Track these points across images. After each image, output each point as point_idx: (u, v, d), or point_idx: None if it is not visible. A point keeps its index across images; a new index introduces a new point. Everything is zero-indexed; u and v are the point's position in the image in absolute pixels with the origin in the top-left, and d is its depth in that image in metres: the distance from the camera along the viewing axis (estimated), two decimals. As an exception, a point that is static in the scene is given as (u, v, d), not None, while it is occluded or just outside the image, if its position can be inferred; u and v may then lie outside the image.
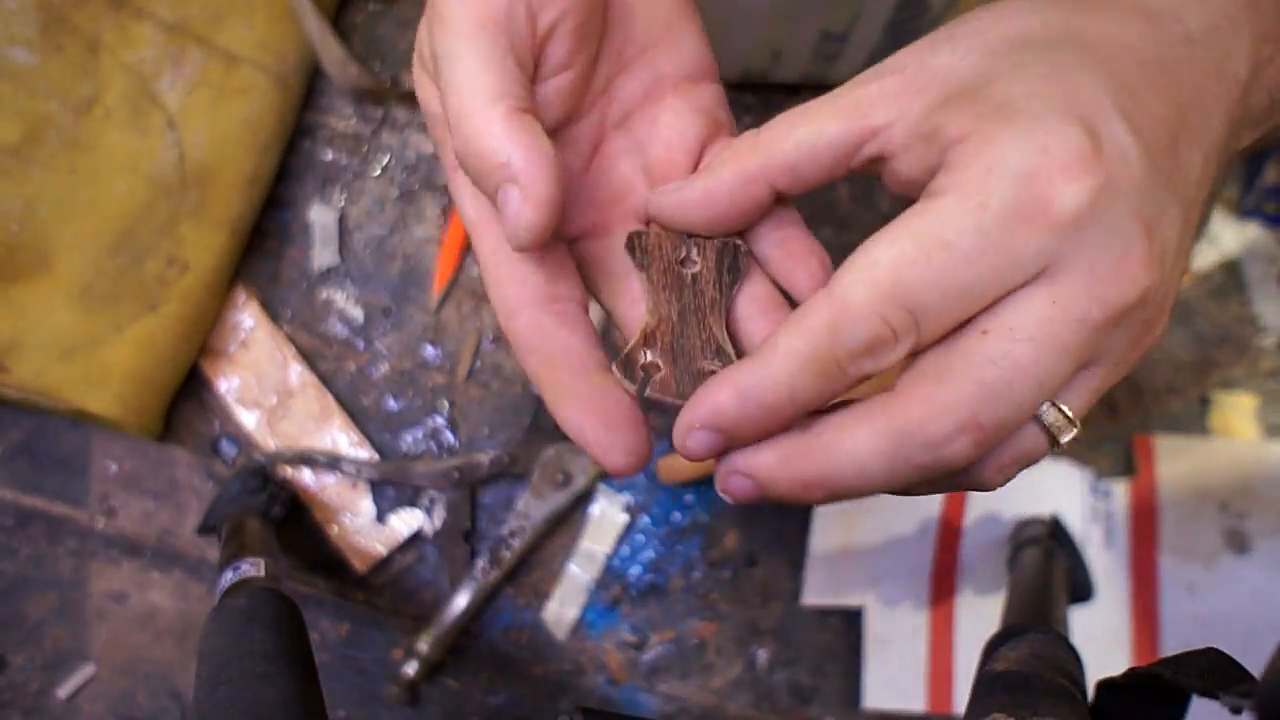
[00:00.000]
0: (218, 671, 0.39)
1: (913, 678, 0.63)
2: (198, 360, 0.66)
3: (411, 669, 0.62)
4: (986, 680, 0.34)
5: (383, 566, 0.66)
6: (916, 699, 0.63)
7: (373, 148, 0.68)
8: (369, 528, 0.66)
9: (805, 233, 0.29)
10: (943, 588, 0.64)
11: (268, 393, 0.66)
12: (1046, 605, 0.51)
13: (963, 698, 0.62)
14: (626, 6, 0.29)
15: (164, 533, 0.66)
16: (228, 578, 0.48)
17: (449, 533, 0.65)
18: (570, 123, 0.29)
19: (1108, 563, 0.63)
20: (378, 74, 0.68)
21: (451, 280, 0.67)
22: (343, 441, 0.66)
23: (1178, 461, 0.64)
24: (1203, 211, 0.26)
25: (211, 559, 0.66)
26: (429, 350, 0.67)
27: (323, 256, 0.67)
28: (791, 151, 0.26)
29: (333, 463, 0.65)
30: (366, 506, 0.66)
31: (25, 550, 0.66)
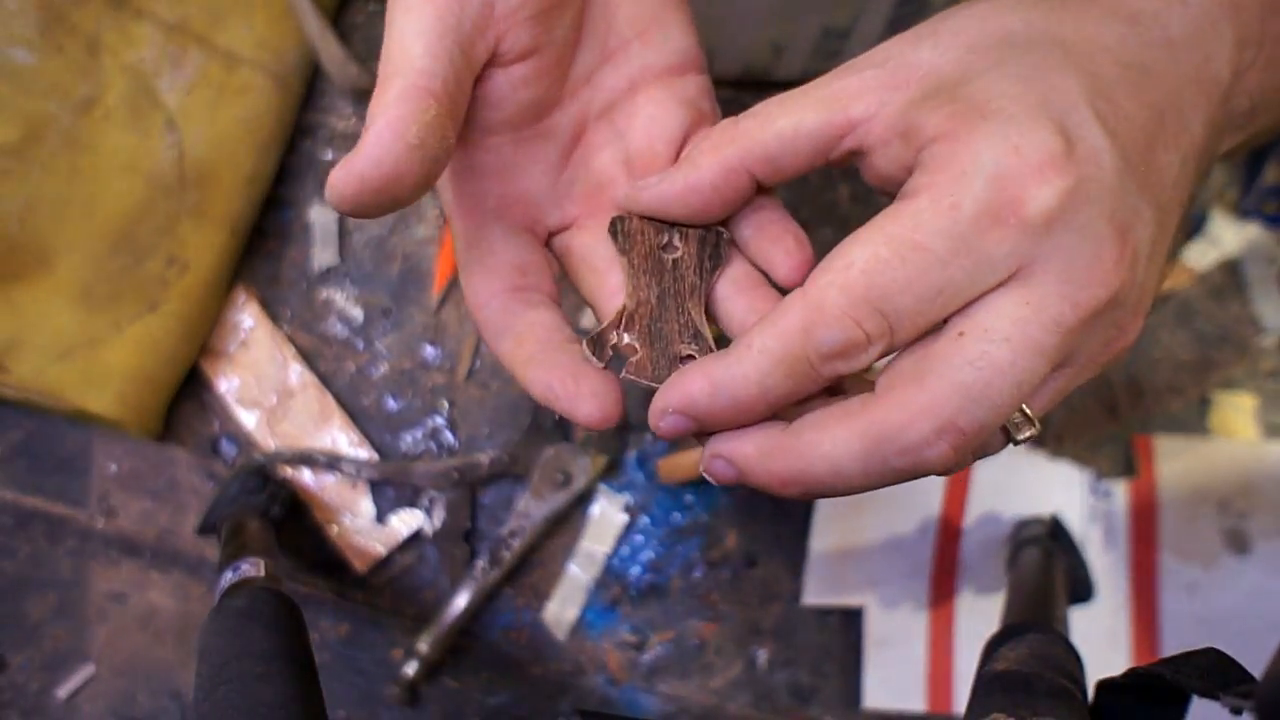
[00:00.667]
0: (217, 671, 0.39)
1: (912, 678, 0.63)
2: (198, 360, 0.66)
3: (411, 669, 0.62)
4: (986, 680, 0.34)
5: (383, 566, 0.66)
6: (916, 699, 0.63)
7: (373, 148, 0.68)
8: (369, 528, 0.66)
9: (782, 214, 0.29)
10: (943, 588, 0.64)
11: (267, 393, 0.66)
12: (1046, 605, 0.51)
13: (963, 698, 0.62)
14: None
15: (164, 533, 0.66)
16: (227, 578, 0.48)
17: (449, 533, 0.65)
18: (549, 113, 0.29)
19: (1108, 563, 0.63)
20: (377, 74, 0.68)
21: (451, 280, 0.67)
22: (342, 441, 0.66)
23: (1178, 461, 0.64)
24: (1184, 214, 0.25)
25: (211, 559, 0.66)
26: (429, 350, 0.67)
27: (323, 256, 0.67)
28: (771, 142, 0.26)
29: (332, 463, 0.65)
30: (366, 506, 0.66)
31: (25, 550, 0.66)
